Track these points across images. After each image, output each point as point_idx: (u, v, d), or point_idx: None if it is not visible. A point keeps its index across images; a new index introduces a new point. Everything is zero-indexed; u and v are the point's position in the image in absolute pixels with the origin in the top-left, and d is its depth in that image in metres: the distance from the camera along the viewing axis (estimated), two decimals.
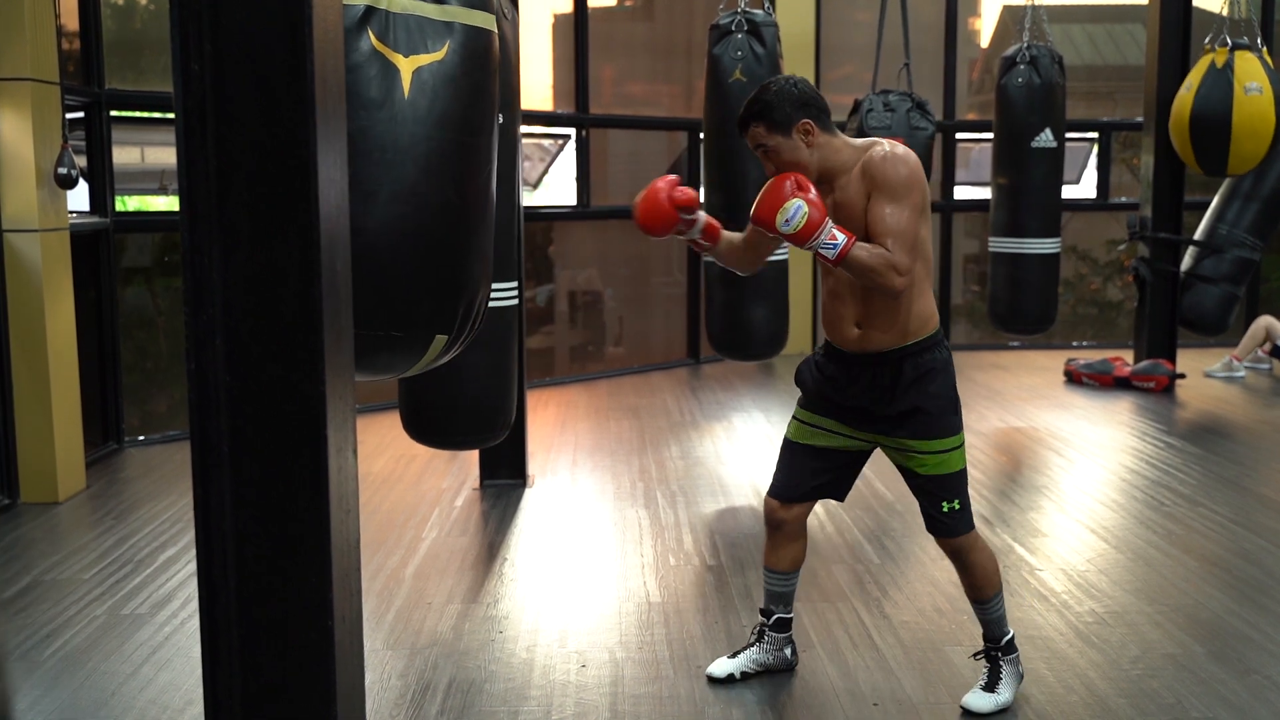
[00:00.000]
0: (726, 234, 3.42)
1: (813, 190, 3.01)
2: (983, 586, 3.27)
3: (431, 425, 4.23)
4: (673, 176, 3.27)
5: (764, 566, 3.51)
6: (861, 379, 3.21)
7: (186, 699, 3.36)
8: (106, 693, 3.42)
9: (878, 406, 3.19)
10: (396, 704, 3.35)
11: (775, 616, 3.51)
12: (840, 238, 2.97)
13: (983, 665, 3.34)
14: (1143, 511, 5.19)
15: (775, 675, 3.51)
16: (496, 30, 3.10)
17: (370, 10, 2.84)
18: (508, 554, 4.68)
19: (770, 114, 3.12)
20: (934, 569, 4.38)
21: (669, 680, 3.49)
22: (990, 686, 3.27)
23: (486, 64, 3.01)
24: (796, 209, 2.95)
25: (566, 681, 3.49)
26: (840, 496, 3.44)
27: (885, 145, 3.09)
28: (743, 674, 3.49)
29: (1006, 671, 3.29)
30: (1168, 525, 4.96)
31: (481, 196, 3.06)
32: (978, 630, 3.41)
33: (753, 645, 3.52)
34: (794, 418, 3.40)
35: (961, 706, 3.26)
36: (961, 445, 3.21)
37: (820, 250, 2.97)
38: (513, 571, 4.47)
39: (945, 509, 3.19)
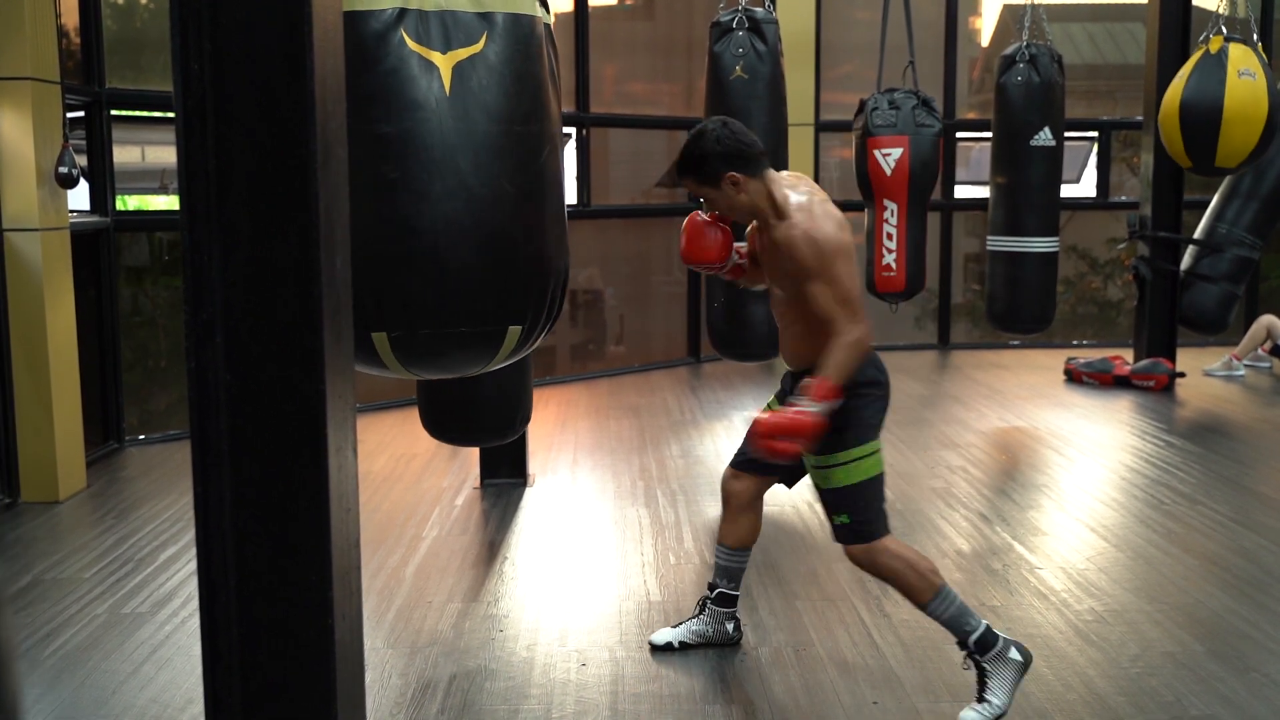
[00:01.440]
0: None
1: (806, 418, 3.06)
2: (912, 593, 3.25)
3: (451, 423, 4.25)
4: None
5: (716, 540, 3.68)
6: (786, 390, 3.42)
7: (187, 698, 3.37)
8: (107, 691, 3.43)
9: None
10: (397, 702, 3.35)
11: (718, 590, 3.67)
12: (820, 405, 3.06)
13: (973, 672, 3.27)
14: (1142, 510, 5.19)
15: (774, 672, 3.51)
16: (540, 15, 3.09)
17: (403, 11, 2.84)
18: (508, 553, 4.68)
19: (700, 170, 3.23)
20: None
21: (669, 679, 3.50)
22: (980, 695, 3.19)
23: (529, 50, 3.01)
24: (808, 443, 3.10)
25: (567, 680, 3.49)
26: (787, 482, 3.59)
27: (790, 221, 3.16)
28: (681, 644, 3.67)
29: (992, 672, 3.19)
30: (1167, 524, 4.96)
31: (539, 183, 3.06)
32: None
33: (694, 617, 3.71)
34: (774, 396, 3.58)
35: None
36: (848, 464, 3.22)
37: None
38: (513, 570, 4.47)
39: (836, 521, 3.28)
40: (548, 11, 3.20)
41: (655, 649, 3.68)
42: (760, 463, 3.48)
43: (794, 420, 3.05)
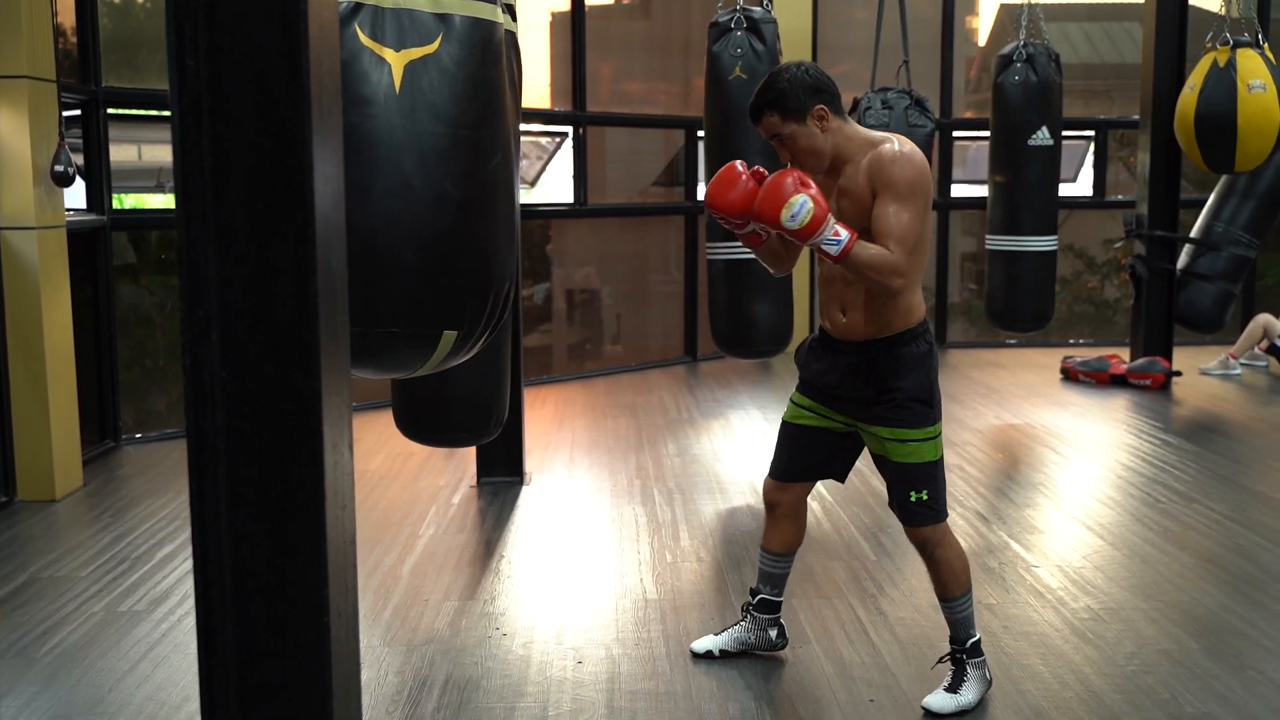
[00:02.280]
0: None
1: (814, 187, 2.99)
2: (949, 584, 3.26)
3: (423, 422, 4.23)
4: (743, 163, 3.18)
5: (760, 545, 3.59)
6: (842, 364, 3.25)
7: (184, 695, 3.37)
8: (103, 689, 3.43)
9: (854, 392, 3.24)
10: (393, 701, 3.35)
11: (760, 596, 3.59)
12: (843, 234, 2.97)
13: (948, 667, 3.32)
14: (1139, 508, 5.20)
15: (771, 670, 3.52)
16: (502, 21, 3.06)
17: (358, 6, 2.83)
18: (504, 551, 4.69)
19: (784, 101, 3.10)
20: None
21: (665, 677, 3.50)
22: (953, 688, 3.25)
23: (486, 55, 2.97)
24: (801, 204, 2.94)
25: (563, 678, 3.49)
26: (839, 476, 3.49)
27: (895, 143, 3.10)
28: (722, 652, 3.59)
29: (972, 675, 3.27)
30: (1164, 522, 4.97)
31: (486, 189, 3.01)
32: None
33: (738, 624, 3.62)
34: (790, 399, 3.45)
35: (922, 707, 3.25)
36: (935, 439, 3.23)
37: (823, 246, 2.98)
38: (509, 569, 4.47)
39: (913, 498, 3.20)
40: (513, 20, 3.17)
41: (696, 657, 3.60)
42: (800, 469, 3.44)
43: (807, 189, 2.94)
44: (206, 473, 1.96)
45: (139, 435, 6.59)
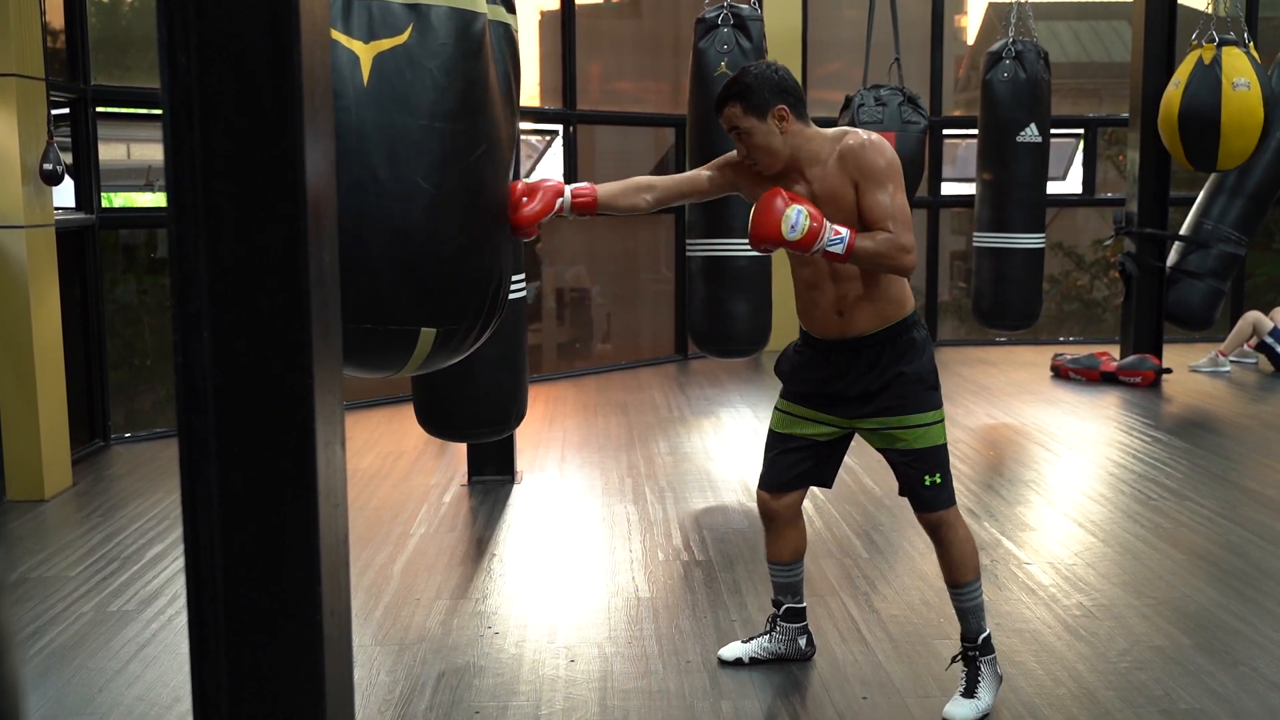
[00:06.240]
0: (605, 191, 3.29)
1: (801, 198, 3.04)
2: (960, 567, 3.20)
3: (446, 417, 4.23)
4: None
5: (766, 559, 3.54)
6: (840, 364, 3.22)
7: (174, 695, 3.35)
8: (93, 689, 3.41)
9: (859, 389, 3.20)
10: (385, 699, 3.34)
11: (785, 607, 3.54)
12: (843, 232, 3.00)
13: (960, 669, 3.27)
14: (1130, 505, 5.20)
15: (764, 669, 3.51)
16: (484, 11, 3.01)
17: None
18: (496, 550, 4.68)
19: (749, 95, 3.12)
20: (922, 563, 4.39)
21: (658, 675, 3.49)
22: (970, 692, 3.19)
23: (465, 45, 2.91)
24: (798, 215, 2.97)
25: (555, 676, 3.48)
26: (826, 483, 3.45)
27: (861, 134, 3.11)
28: (751, 659, 3.53)
29: (985, 673, 3.21)
30: (1154, 519, 4.97)
31: (465, 183, 2.94)
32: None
33: (765, 634, 3.57)
34: (776, 408, 3.41)
35: (943, 717, 3.19)
36: (942, 421, 3.21)
37: (828, 249, 3.00)
38: (501, 567, 4.46)
39: (928, 483, 3.18)
40: (509, 10, 3.12)
41: (724, 664, 3.55)
42: (792, 477, 3.39)
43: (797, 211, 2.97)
44: (198, 471, 1.95)
45: (128, 435, 6.56)
